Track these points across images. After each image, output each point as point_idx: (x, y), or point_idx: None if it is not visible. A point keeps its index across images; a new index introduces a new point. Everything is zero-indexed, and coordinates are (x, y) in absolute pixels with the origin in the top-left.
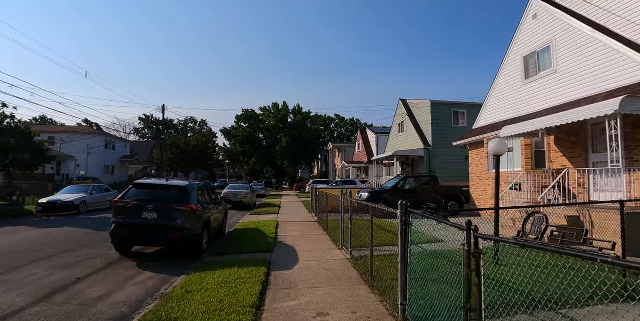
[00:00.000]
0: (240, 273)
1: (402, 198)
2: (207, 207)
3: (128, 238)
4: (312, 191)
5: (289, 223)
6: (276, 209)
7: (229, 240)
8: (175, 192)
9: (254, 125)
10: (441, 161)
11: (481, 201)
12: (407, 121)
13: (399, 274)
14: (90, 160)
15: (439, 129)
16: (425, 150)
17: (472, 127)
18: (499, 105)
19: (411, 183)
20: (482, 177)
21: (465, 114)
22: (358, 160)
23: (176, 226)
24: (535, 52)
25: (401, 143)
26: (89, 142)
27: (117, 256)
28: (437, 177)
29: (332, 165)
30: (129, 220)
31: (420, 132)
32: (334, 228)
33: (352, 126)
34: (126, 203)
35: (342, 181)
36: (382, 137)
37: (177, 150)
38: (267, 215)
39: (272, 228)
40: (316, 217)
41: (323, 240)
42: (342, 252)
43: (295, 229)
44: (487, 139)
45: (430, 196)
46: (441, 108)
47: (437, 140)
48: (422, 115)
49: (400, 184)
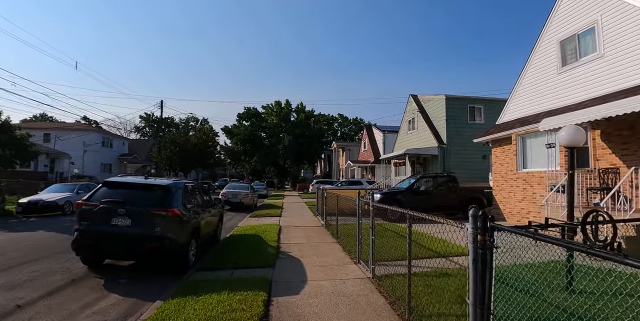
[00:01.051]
0: (231, 301)
1: (418, 200)
2: (196, 210)
3: (93, 250)
4: (317, 192)
5: (292, 227)
6: (278, 211)
7: (223, 249)
8: (154, 192)
9: (256, 124)
10: (457, 160)
11: (506, 204)
12: (418, 117)
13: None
14: (87, 158)
15: (454, 126)
16: (439, 148)
17: (489, 124)
18: (529, 98)
19: (427, 183)
20: (508, 177)
21: (483, 110)
22: (364, 159)
23: (154, 235)
24: (575, 35)
25: (412, 141)
26: (85, 139)
27: (83, 270)
28: (456, 177)
29: (336, 164)
30: (95, 227)
31: (434, 129)
32: (346, 235)
33: (355, 125)
34: (92, 207)
35: (348, 181)
36: (390, 136)
37: (175, 148)
38: (268, 218)
39: (274, 234)
40: (323, 221)
41: (334, 250)
42: (359, 268)
43: (300, 235)
44: (515, 135)
45: (449, 198)
46: (456, 104)
47: (452, 138)
48: (435, 111)
49: (415, 185)
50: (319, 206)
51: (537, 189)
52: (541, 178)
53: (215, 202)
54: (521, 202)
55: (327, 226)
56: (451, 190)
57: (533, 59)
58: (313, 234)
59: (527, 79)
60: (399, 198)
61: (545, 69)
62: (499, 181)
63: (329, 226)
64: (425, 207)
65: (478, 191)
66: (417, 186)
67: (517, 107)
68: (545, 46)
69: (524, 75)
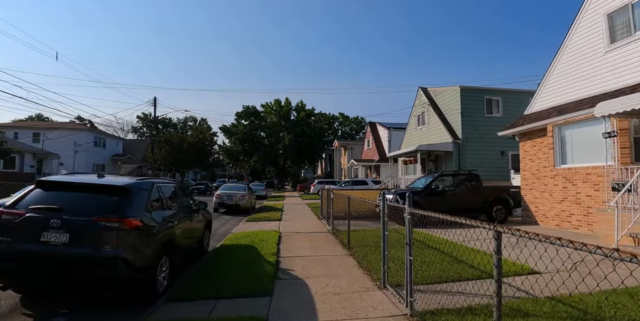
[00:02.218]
0: None
1: (437, 202)
2: (171, 218)
3: (14, 279)
4: (321, 193)
5: (294, 234)
6: (278, 214)
7: (208, 267)
8: (106, 196)
9: (255, 123)
10: (473, 157)
11: (539, 205)
12: (429, 111)
13: None
14: (78, 159)
15: (469, 119)
16: (453, 144)
17: (508, 117)
18: (567, 83)
19: (447, 182)
20: (541, 175)
21: (501, 102)
22: (368, 158)
23: (101, 256)
24: (628, 5)
25: (422, 137)
26: (76, 138)
27: (12, 299)
28: (478, 175)
29: (338, 164)
30: (17, 245)
31: (447, 124)
32: (361, 245)
33: (356, 124)
34: (16, 216)
35: (353, 181)
36: (396, 133)
37: (170, 147)
38: (266, 223)
39: (272, 243)
40: (329, 226)
41: (348, 267)
42: (387, 296)
43: (303, 245)
44: (552, 125)
45: (471, 199)
46: (472, 95)
47: (468, 133)
48: (448, 103)
49: (433, 184)
50: (323, 208)
51: (583, 188)
52: (588, 175)
53: (200, 205)
54: (561, 203)
55: (334, 232)
56: (473, 189)
57: (571, 38)
58: (319, 243)
59: (563, 62)
60: (415, 199)
61: (588, 48)
62: (529, 179)
63: (338, 232)
64: (445, 209)
65: (503, 190)
66: (436, 185)
67: (552, 93)
68: (587, 22)
69: (560, 58)
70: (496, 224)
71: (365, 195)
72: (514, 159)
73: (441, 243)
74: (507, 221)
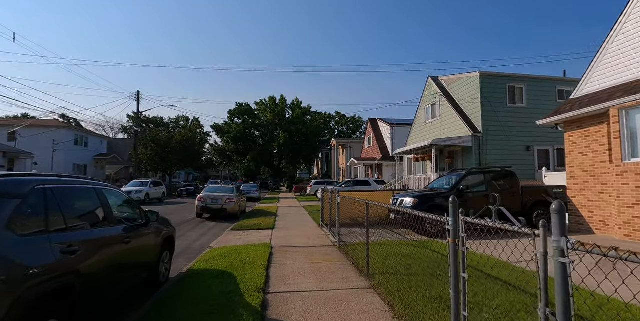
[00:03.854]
0: None
1: (467, 205)
2: (72, 244)
3: None
4: (322, 195)
5: (290, 250)
6: (271, 220)
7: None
8: None
9: (249, 121)
10: (495, 152)
11: (595, 210)
12: (442, 102)
13: None
14: (57, 158)
15: (490, 110)
16: (473, 138)
17: (533, 108)
18: (634, 56)
19: (477, 182)
20: (598, 172)
21: (525, 90)
22: (369, 156)
23: None
24: None
25: (434, 131)
26: (55, 136)
27: None
28: (514, 173)
29: (336, 163)
30: None
31: (464, 116)
32: (387, 273)
33: (353, 124)
34: None
35: (354, 181)
36: (400, 129)
37: (156, 146)
38: (256, 232)
39: (260, 268)
40: (333, 237)
41: (378, 316)
42: None
43: (303, 269)
44: (616, 108)
45: (508, 202)
46: (493, 82)
47: (489, 125)
48: (464, 92)
49: (461, 184)
50: (325, 214)
51: None
52: None
53: (150, 217)
54: (633, 207)
55: (342, 246)
56: (510, 190)
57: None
58: (324, 265)
59: (627, 31)
60: (440, 202)
61: None
62: (579, 177)
63: (347, 247)
64: (477, 214)
65: (544, 191)
66: (465, 186)
67: (611, 71)
68: None
69: (621, 27)
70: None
71: (374, 197)
72: (540, 155)
73: (494, 266)
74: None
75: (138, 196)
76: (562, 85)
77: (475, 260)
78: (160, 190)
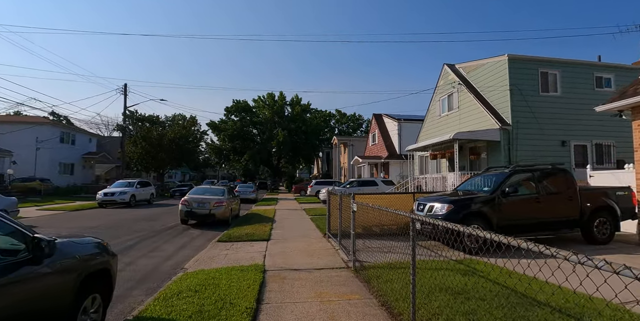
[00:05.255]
0: None
1: (514, 212)
2: None
3: None
4: (329, 199)
5: (289, 276)
6: (266, 228)
7: None
8: None
9: (246, 118)
10: (527, 148)
11: None
12: (461, 92)
13: None
14: (41, 156)
15: (521, 99)
16: (501, 131)
17: (570, 97)
18: None
19: (525, 182)
20: None
21: (559, 77)
22: (373, 154)
23: None
24: None
25: (451, 125)
26: (39, 133)
27: None
28: (568, 171)
29: (337, 162)
30: None
31: (488, 106)
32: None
33: (353, 122)
34: None
35: (360, 181)
36: (408, 125)
37: (147, 144)
38: (247, 245)
39: (244, 313)
40: (345, 254)
41: None
42: None
43: (309, 312)
44: None
45: (564, 207)
46: (524, 67)
47: (519, 117)
48: (489, 79)
49: (507, 185)
50: (332, 222)
51: None
52: None
53: (47, 249)
54: None
55: (360, 270)
56: (565, 193)
57: None
58: (341, 308)
59: None
60: (481, 209)
61: None
62: None
63: (367, 271)
64: (527, 222)
65: (604, 194)
66: (511, 187)
67: None
68: None
69: None
70: None
71: (391, 202)
72: (577, 151)
73: None
74: (613, 240)
75: (122, 198)
76: (601, 71)
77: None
78: (149, 191)
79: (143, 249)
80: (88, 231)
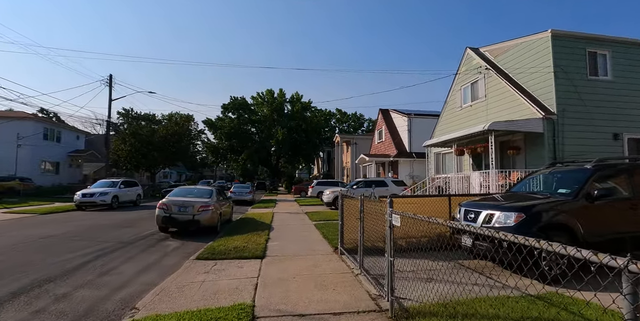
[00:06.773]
0: None
1: (605, 221)
2: None
3: None
4: (342, 204)
5: None
6: (261, 239)
7: None
8: None
9: (244, 116)
10: (575, 140)
11: None
12: (489, 78)
13: None
14: (22, 154)
15: (568, 84)
16: (544, 120)
17: (622, 81)
18: None
19: (613, 182)
20: None
21: (609, 58)
22: (380, 152)
23: None
24: None
25: (476, 117)
26: (20, 129)
27: None
28: None
29: (339, 162)
30: None
31: (525, 92)
32: None
33: (354, 121)
34: None
35: (367, 181)
36: (419, 121)
37: (137, 141)
38: (233, 265)
39: None
40: (373, 286)
41: None
42: None
43: None
44: None
45: None
46: (569, 46)
47: (565, 104)
48: (524, 62)
49: (594, 187)
50: (346, 233)
51: None
52: None
53: None
54: None
55: (404, 318)
56: None
57: None
58: None
59: None
60: (563, 219)
61: None
62: None
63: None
64: (620, 230)
65: None
66: (600, 189)
67: None
68: None
69: None
70: None
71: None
72: (631, 146)
73: None
74: None
75: (103, 199)
76: None
77: None
78: (135, 192)
79: (93, 271)
80: (36, 241)
